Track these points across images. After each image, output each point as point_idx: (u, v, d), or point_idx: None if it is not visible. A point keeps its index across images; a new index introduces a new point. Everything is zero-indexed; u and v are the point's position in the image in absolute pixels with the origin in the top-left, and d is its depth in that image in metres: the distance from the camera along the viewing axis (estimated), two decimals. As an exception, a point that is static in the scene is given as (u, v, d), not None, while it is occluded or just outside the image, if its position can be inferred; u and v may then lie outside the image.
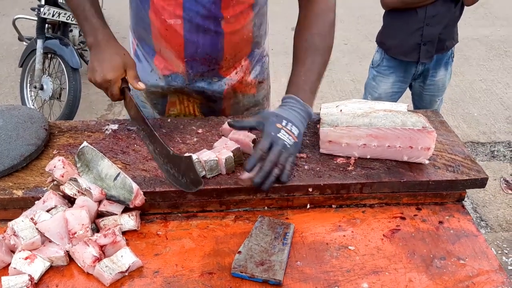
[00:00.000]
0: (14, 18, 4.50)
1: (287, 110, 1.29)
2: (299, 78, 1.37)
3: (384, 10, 2.81)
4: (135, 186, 1.17)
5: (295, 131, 1.24)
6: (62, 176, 1.20)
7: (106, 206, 1.19)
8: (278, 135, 1.20)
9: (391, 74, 2.86)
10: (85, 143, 1.27)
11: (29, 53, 4.18)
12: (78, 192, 1.18)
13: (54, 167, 1.21)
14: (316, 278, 1.07)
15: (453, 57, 2.87)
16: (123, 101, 1.45)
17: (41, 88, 4.04)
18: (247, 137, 1.32)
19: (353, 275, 1.08)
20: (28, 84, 4.21)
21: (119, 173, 1.20)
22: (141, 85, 1.40)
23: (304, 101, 1.31)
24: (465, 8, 2.70)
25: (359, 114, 1.32)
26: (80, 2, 1.43)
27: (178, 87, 1.63)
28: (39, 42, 3.96)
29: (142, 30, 1.56)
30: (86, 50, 4.73)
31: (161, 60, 1.59)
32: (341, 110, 1.37)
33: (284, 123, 1.23)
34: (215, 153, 1.25)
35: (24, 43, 4.60)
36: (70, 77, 3.96)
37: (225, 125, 1.38)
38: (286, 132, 1.22)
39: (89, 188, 1.16)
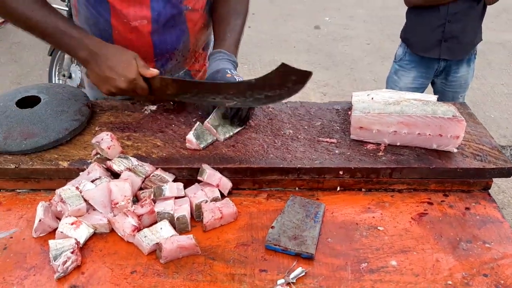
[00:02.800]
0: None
1: (223, 62, 1.47)
2: (226, 35, 1.56)
3: (407, 7, 2.85)
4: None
5: (235, 72, 1.45)
6: (109, 148, 1.26)
7: (160, 172, 1.26)
8: (235, 82, 1.38)
9: (412, 69, 2.89)
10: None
11: (58, 42, 4.28)
12: (126, 169, 1.24)
13: (102, 139, 1.27)
14: (347, 254, 1.12)
15: (476, 54, 2.88)
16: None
17: (69, 77, 4.14)
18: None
19: (382, 253, 1.12)
20: (57, 73, 4.31)
21: None
22: (154, 70, 1.38)
23: (231, 53, 1.52)
24: (488, 12, 2.72)
25: (391, 102, 1.36)
26: (48, 20, 1.34)
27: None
28: (69, 32, 4.05)
29: (98, 34, 1.51)
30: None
31: None
32: (372, 98, 1.42)
33: (229, 71, 1.43)
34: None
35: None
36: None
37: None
38: (235, 76, 1.41)
39: (142, 165, 1.23)
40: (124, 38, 1.49)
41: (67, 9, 3.85)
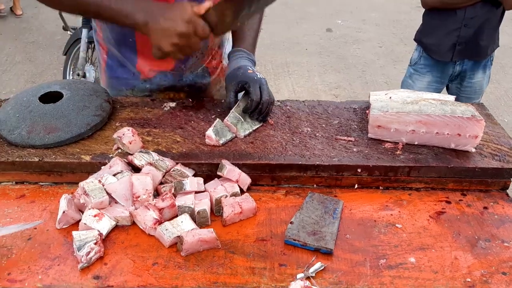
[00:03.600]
0: (60, 8, 4.65)
1: (243, 60, 1.52)
2: (245, 34, 1.60)
3: (421, 11, 2.84)
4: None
5: (255, 69, 1.50)
6: (130, 143, 1.29)
7: (180, 167, 1.28)
8: (256, 78, 1.44)
9: (427, 73, 2.88)
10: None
11: (73, 42, 4.33)
12: (147, 163, 1.26)
13: (123, 134, 1.29)
14: (365, 251, 1.13)
15: (492, 61, 2.87)
16: None
17: (84, 76, 4.18)
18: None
19: (401, 250, 1.13)
20: (71, 72, 4.36)
21: None
22: (206, 4, 1.31)
23: (250, 51, 1.56)
24: (504, 16, 2.70)
25: (409, 102, 1.37)
26: None
27: (168, 85, 1.68)
28: (84, 32, 4.10)
29: (121, 36, 1.56)
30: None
31: (144, 63, 1.61)
32: (390, 98, 1.42)
33: (250, 68, 1.48)
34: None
35: (69, 32, 4.75)
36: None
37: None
38: (256, 73, 1.46)
39: (162, 160, 1.25)
40: (147, 36, 1.49)
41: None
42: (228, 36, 1.78)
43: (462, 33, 2.64)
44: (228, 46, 1.81)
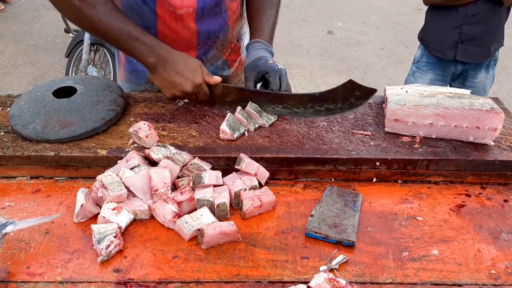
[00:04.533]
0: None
1: (262, 51, 1.53)
2: (263, 25, 1.62)
3: (422, 11, 2.85)
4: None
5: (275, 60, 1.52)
6: (147, 137, 1.27)
7: (197, 161, 1.27)
8: (277, 68, 1.46)
9: (429, 71, 2.87)
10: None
11: (76, 43, 4.32)
12: (164, 157, 1.24)
13: (139, 128, 1.28)
14: (387, 243, 1.12)
15: (496, 60, 2.86)
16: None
17: (87, 78, 4.17)
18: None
19: (423, 243, 1.12)
20: (73, 74, 4.34)
21: None
22: (218, 78, 1.44)
23: (268, 43, 1.59)
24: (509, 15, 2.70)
25: (426, 95, 1.36)
26: (121, 27, 1.37)
27: None
28: (87, 34, 4.09)
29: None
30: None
31: None
32: (406, 91, 1.42)
33: (270, 59, 1.50)
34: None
35: (70, 34, 4.74)
36: (114, 68, 4.08)
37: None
38: (276, 63, 1.48)
39: (180, 153, 1.24)
40: (169, 27, 1.51)
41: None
42: (246, 29, 1.78)
43: (464, 31, 2.64)
44: (246, 39, 1.82)
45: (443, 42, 2.74)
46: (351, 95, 1.36)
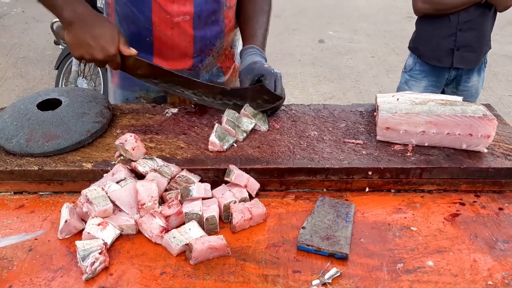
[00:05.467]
0: (52, 22, 4.61)
1: (256, 56, 1.55)
2: (256, 32, 1.64)
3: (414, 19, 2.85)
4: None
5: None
6: (133, 149, 1.24)
7: (186, 173, 1.24)
8: (272, 71, 1.48)
9: (423, 79, 2.87)
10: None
11: (65, 55, 4.29)
12: (151, 170, 1.21)
13: (125, 140, 1.25)
14: (381, 255, 1.09)
15: (486, 63, 2.87)
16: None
17: (76, 89, 4.13)
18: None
19: (418, 254, 1.09)
20: (63, 86, 4.30)
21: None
22: (133, 50, 1.39)
23: (261, 49, 1.61)
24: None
25: (417, 103, 1.34)
26: None
27: None
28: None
29: (137, 36, 1.55)
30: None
31: (161, 63, 1.59)
32: (398, 99, 1.40)
33: (265, 63, 1.52)
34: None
35: (60, 46, 4.71)
36: (105, 79, 4.05)
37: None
38: (270, 66, 1.50)
39: (167, 166, 1.21)
40: (165, 35, 1.51)
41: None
42: (239, 36, 1.78)
43: (458, 38, 2.65)
44: (239, 46, 1.82)
45: (438, 50, 2.74)
46: (260, 97, 1.45)
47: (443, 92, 2.98)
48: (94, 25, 1.35)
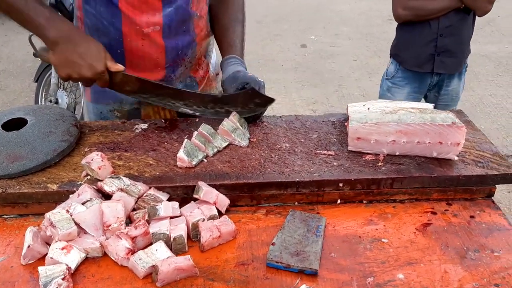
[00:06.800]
0: (30, 35, 4.56)
1: (238, 65, 1.56)
2: (234, 42, 1.64)
3: (393, 25, 2.85)
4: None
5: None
6: (99, 169, 1.21)
7: (153, 191, 1.21)
8: (257, 79, 1.48)
9: (406, 85, 2.87)
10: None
11: (45, 68, 4.24)
12: (118, 189, 1.19)
13: (92, 159, 1.22)
14: (352, 269, 1.07)
15: (466, 67, 2.89)
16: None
17: (56, 102, 4.08)
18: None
19: (388, 267, 1.08)
20: (43, 98, 4.25)
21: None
22: (120, 66, 1.38)
23: (241, 58, 1.61)
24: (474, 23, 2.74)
25: (387, 112, 1.33)
26: (24, 2, 1.31)
27: None
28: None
29: (108, 48, 1.48)
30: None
31: (133, 74, 1.56)
32: (368, 109, 1.39)
33: (248, 72, 1.53)
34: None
35: (39, 59, 4.66)
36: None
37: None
38: (254, 74, 1.50)
39: (134, 184, 1.18)
40: (136, 46, 1.50)
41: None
42: (214, 45, 1.78)
43: (439, 43, 2.65)
44: (213, 56, 1.83)
45: (419, 56, 2.74)
46: (251, 101, 1.46)
47: (426, 97, 2.99)
48: (80, 43, 1.33)
